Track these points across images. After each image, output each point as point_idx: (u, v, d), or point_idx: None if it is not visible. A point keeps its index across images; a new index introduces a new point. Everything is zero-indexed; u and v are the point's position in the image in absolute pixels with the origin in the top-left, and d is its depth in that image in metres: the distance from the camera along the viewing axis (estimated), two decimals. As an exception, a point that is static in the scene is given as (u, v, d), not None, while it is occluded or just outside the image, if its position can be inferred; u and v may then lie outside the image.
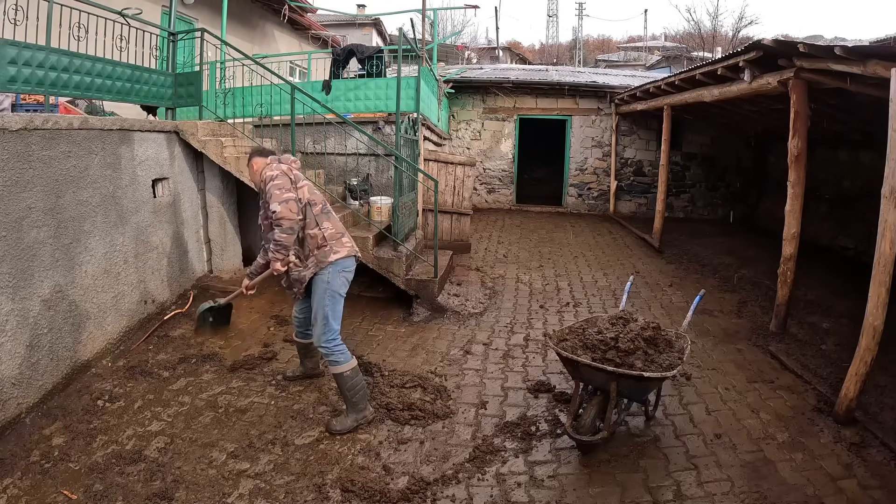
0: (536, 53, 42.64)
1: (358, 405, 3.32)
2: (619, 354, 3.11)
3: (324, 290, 3.28)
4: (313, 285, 3.34)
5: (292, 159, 3.48)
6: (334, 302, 3.30)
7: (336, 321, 3.31)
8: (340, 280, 3.33)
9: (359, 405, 3.33)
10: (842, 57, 3.86)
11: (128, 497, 2.68)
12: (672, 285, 6.58)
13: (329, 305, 3.28)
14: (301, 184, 3.35)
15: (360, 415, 3.33)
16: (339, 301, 3.34)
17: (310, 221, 3.31)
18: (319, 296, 3.28)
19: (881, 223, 3.31)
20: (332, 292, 3.29)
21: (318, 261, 3.28)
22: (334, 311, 3.30)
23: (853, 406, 3.47)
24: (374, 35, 20.27)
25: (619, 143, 11.74)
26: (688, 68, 7.67)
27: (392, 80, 6.60)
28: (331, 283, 3.28)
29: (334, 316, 3.30)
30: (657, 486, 2.88)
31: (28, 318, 3.34)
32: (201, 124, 5.32)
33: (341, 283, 3.34)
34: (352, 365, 3.30)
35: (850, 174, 8.42)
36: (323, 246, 3.30)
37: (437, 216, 5.75)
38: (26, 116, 3.39)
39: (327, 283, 3.28)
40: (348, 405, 3.34)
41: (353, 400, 3.31)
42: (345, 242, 3.40)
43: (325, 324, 3.27)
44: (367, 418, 3.34)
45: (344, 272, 3.35)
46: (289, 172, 3.32)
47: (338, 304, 3.33)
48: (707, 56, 20.86)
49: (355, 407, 3.32)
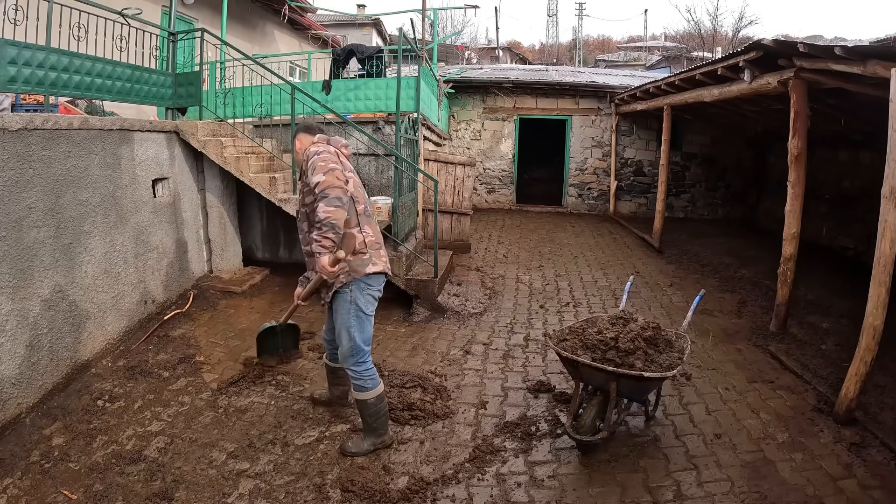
0: (536, 53, 42.64)
1: (378, 430, 3.04)
2: (619, 354, 3.11)
3: (347, 308, 2.89)
4: (336, 301, 2.93)
5: (343, 143, 3.03)
6: (360, 322, 2.91)
7: (366, 342, 2.94)
8: (366, 298, 2.92)
9: (379, 430, 3.05)
10: (842, 57, 3.86)
11: (128, 497, 2.68)
12: (672, 285, 6.58)
13: (356, 326, 2.89)
14: (349, 173, 2.88)
15: (378, 440, 3.05)
16: (368, 321, 2.95)
17: (352, 218, 2.84)
18: (343, 314, 2.90)
19: (881, 223, 3.31)
20: (358, 311, 2.89)
21: (352, 269, 2.85)
22: (362, 331, 2.92)
23: (853, 406, 3.47)
24: (374, 35, 20.28)
25: (619, 143, 11.73)
26: (688, 68, 7.67)
27: (392, 80, 6.60)
28: (356, 301, 2.88)
29: (363, 337, 2.92)
30: (657, 486, 2.88)
31: (28, 318, 3.34)
32: (201, 124, 5.32)
33: (367, 301, 2.93)
34: (378, 392, 2.96)
35: (850, 174, 8.42)
36: (361, 253, 2.86)
37: (437, 216, 5.75)
38: (26, 116, 3.39)
39: (351, 302, 2.88)
40: (367, 430, 3.05)
41: (374, 426, 3.02)
42: (382, 255, 2.99)
43: (352, 345, 2.90)
44: (385, 443, 3.07)
45: (371, 290, 2.94)
46: (338, 155, 2.89)
47: (365, 325, 2.93)
48: (707, 56, 20.87)
49: (375, 432, 3.04)
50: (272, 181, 5.32)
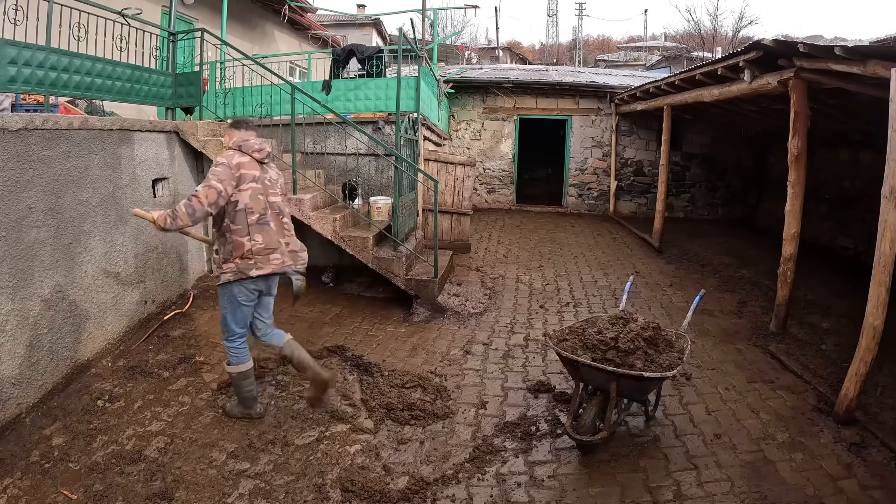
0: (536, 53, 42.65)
1: (245, 403, 3.41)
2: (619, 354, 3.11)
3: (228, 298, 3.23)
4: (220, 290, 3.26)
5: (257, 148, 3.24)
6: (234, 308, 3.24)
7: (238, 325, 3.28)
8: (245, 293, 3.23)
9: (245, 403, 3.41)
10: (842, 57, 3.86)
11: (128, 497, 2.68)
12: (672, 285, 6.58)
13: (230, 311, 3.25)
14: (245, 187, 3.13)
15: (246, 411, 3.42)
16: (240, 309, 3.26)
17: (241, 228, 3.13)
18: (224, 301, 3.26)
19: (881, 223, 3.31)
20: (234, 300, 3.22)
21: (238, 270, 3.15)
22: (234, 316, 3.26)
23: (853, 406, 3.47)
24: (374, 35, 20.27)
25: (619, 143, 11.73)
26: (688, 68, 7.67)
27: (392, 81, 6.60)
28: (234, 294, 3.21)
29: (234, 320, 3.27)
30: (657, 486, 2.88)
31: (28, 318, 3.34)
32: (201, 124, 5.32)
33: (245, 295, 3.24)
34: (240, 369, 3.30)
35: (850, 174, 8.42)
36: (247, 258, 3.15)
37: (437, 216, 5.75)
38: (26, 116, 3.38)
39: (231, 294, 3.21)
40: (238, 399, 3.44)
41: (241, 397, 3.40)
42: (272, 259, 3.23)
43: (225, 325, 3.30)
44: (251, 416, 3.42)
45: (252, 286, 3.24)
46: (240, 169, 3.12)
47: (238, 312, 3.26)
48: (707, 56, 20.87)
49: (243, 403, 3.42)
50: (272, 181, 5.31)
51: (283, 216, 3.34)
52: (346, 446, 3.16)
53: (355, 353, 4.36)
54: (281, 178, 3.41)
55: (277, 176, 3.37)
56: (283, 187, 3.42)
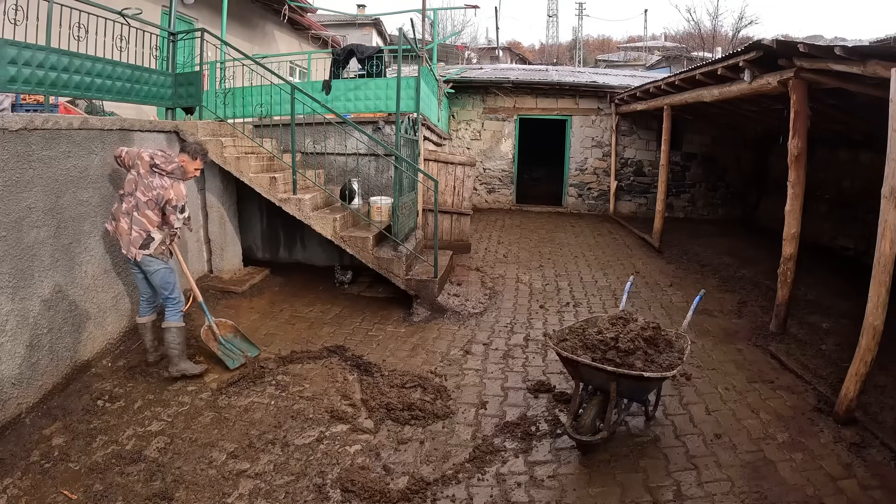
0: (536, 53, 42.64)
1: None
2: (619, 354, 3.11)
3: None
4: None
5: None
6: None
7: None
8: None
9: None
10: (842, 57, 3.86)
11: (128, 497, 2.68)
12: (672, 285, 6.58)
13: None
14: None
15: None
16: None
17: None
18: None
19: (881, 223, 3.31)
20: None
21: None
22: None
23: (853, 406, 3.47)
24: (374, 35, 20.27)
25: (619, 143, 11.73)
26: (688, 68, 7.66)
27: (392, 81, 6.59)
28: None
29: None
30: (657, 486, 2.88)
31: (28, 318, 3.34)
32: (201, 124, 5.32)
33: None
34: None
35: (850, 174, 8.42)
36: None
37: (437, 216, 5.75)
38: (26, 116, 3.38)
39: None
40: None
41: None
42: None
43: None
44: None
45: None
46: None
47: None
48: (707, 56, 20.87)
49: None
50: (272, 181, 5.32)
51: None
52: (346, 446, 3.16)
53: (355, 353, 4.35)
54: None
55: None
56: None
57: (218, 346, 4.19)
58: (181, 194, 3.80)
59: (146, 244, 3.72)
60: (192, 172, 3.92)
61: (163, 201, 3.71)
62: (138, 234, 3.69)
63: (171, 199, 3.73)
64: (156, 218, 3.73)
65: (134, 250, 3.71)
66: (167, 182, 3.74)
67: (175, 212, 3.77)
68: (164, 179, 3.73)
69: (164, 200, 3.71)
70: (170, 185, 3.74)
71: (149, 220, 3.71)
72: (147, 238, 3.71)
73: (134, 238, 3.70)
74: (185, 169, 3.85)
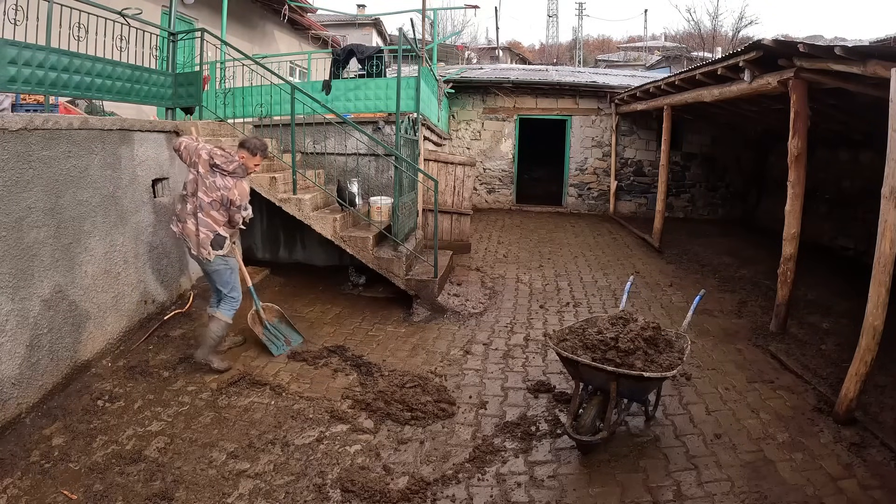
0: (536, 53, 42.64)
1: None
2: (619, 354, 3.11)
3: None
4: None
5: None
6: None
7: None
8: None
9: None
10: (842, 57, 3.86)
11: (128, 497, 2.68)
12: (672, 285, 6.58)
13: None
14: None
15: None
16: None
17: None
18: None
19: (881, 223, 3.31)
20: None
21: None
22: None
23: (853, 406, 3.47)
24: (374, 35, 20.27)
25: (619, 143, 11.73)
26: (688, 68, 7.66)
27: (392, 81, 6.60)
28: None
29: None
30: (657, 486, 2.88)
31: (28, 318, 3.34)
32: (201, 124, 5.32)
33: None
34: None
35: (850, 174, 8.42)
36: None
37: (437, 216, 5.75)
38: (26, 116, 3.38)
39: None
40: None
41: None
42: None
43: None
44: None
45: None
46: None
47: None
48: (707, 56, 20.86)
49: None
50: (272, 181, 5.32)
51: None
52: (346, 446, 3.16)
53: (355, 353, 4.36)
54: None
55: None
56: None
57: (263, 331, 4.29)
58: (245, 193, 3.75)
59: (218, 244, 3.71)
60: (252, 169, 3.85)
61: (227, 202, 3.67)
62: (206, 235, 3.67)
63: (235, 199, 3.69)
64: (221, 218, 3.70)
65: (205, 252, 3.69)
66: (230, 182, 3.68)
67: (239, 211, 3.74)
68: (226, 179, 3.67)
69: (229, 201, 3.66)
70: (233, 184, 3.69)
71: (214, 220, 3.68)
72: (216, 237, 3.70)
73: (202, 240, 3.69)
74: (246, 166, 3.78)
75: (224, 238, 3.72)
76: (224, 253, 3.75)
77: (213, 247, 3.69)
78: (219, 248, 3.70)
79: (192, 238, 3.72)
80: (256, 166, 3.88)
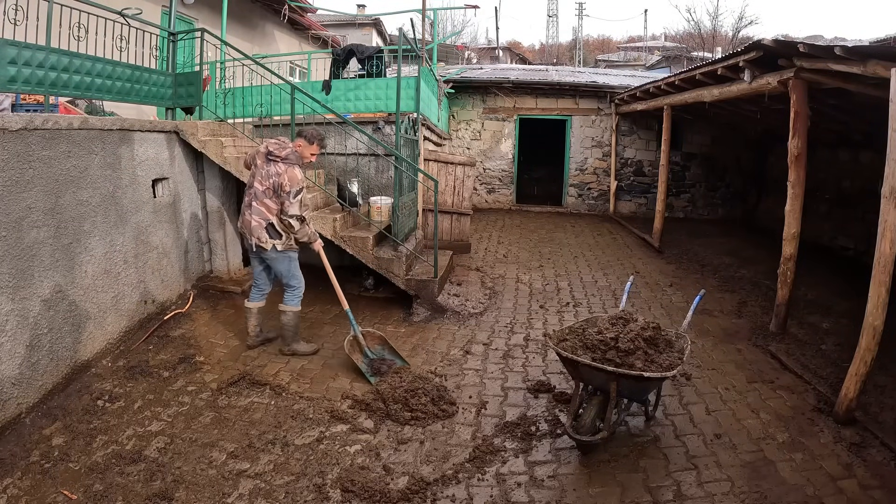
0: (536, 53, 42.65)
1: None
2: (619, 354, 3.10)
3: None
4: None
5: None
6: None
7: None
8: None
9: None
10: (842, 57, 3.86)
11: (128, 497, 2.68)
12: (672, 285, 6.58)
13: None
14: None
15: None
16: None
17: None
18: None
19: (881, 223, 3.31)
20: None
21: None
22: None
23: (853, 406, 3.47)
24: (374, 35, 20.27)
25: (619, 143, 11.73)
26: (688, 68, 7.66)
27: (392, 81, 6.59)
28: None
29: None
30: (657, 486, 2.88)
31: (28, 318, 3.34)
32: (201, 124, 5.32)
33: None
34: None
35: (850, 174, 8.42)
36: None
37: (437, 216, 5.75)
38: (26, 116, 3.38)
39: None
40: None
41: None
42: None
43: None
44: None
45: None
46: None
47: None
48: (707, 56, 20.86)
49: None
50: (272, 181, 5.31)
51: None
52: (346, 446, 3.16)
53: (355, 353, 4.35)
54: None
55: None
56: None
57: (362, 358, 4.05)
58: (295, 179, 3.74)
59: (272, 234, 3.78)
60: (308, 157, 3.87)
61: (278, 187, 3.68)
62: (258, 223, 3.73)
63: (285, 184, 3.68)
64: (274, 206, 3.73)
65: (260, 239, 3.74)
66: (282, 167, 3.70)
67: (289, 197, 3.72)
68: (278, 166, 3.70)
69: (279, 185, 3.67)
70: (284, 170, 3.71)
71: (267, 208, 3.72)
72: (268, 227, 3.73)
73: (254, 227, 3.77)
74: (302, 154, 3.81)
75: (277, 233, 3.78)
76: (282, 247, 3.81)
77: (270, 235, 3.75)
78: (276, 237, 3.75)
79: (247, 227, 3.82)
80: (313, 155, 3.91)
